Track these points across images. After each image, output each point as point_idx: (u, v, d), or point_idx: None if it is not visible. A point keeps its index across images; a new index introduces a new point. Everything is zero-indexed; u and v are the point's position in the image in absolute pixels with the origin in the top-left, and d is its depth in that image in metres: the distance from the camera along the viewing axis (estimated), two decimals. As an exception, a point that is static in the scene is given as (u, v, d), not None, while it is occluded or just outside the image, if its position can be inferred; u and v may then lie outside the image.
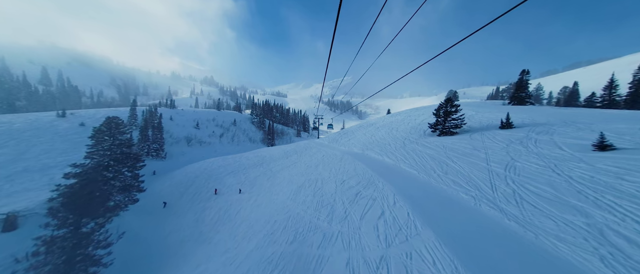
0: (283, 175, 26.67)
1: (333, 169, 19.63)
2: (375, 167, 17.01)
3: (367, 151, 25.09)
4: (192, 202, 25.97)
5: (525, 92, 28.28)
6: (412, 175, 13.72)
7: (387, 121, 42.92)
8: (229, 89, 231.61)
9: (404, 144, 21.70)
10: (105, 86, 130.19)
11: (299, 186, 19.42)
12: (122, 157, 19.90)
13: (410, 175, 13.82)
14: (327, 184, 16.35)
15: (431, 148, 17.21)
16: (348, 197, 12.57)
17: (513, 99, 30.19)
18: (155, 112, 45.42)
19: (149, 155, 40.33)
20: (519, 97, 29.50)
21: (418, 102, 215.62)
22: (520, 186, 8.14)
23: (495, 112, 24.26)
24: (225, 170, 35.08)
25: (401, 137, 25.54)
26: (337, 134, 44.41)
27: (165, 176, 33.74)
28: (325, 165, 22.64)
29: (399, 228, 7.80)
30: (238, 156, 43.82)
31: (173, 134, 51.04)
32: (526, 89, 28.36)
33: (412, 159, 16.38)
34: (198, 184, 29.88)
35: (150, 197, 26.80)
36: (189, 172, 33.72)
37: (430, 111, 36.86)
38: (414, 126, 30.19)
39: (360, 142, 32.22)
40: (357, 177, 15.42)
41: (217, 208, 23.27)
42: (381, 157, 20.43)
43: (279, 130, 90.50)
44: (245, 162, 37.68)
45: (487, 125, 18.89)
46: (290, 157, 34.44)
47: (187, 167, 35.97)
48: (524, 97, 28.84)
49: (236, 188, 27.58)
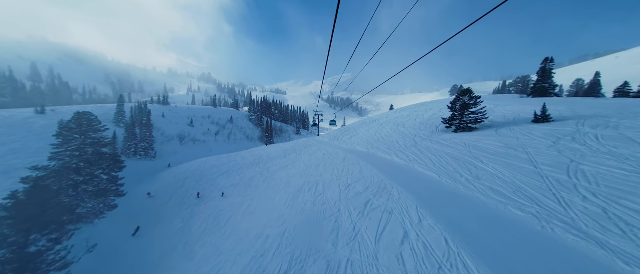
0: (281, 176, 24.31)
1: (336, 170, 17.24)
2: (384, 168, 14.63)
3: (373, 150, 22.73)
4: (180, 206, 23.57)
5: (549, 82, 25.51)
6: (432, 179, 11.33)
7: (392, 117, 40.66)
8: (227, 86, 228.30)
9: (415, 142, 19.31)
10: (99, 83, 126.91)
11: (298, 189, 17.05)
12: (96, 158, 17.43)
13: (430, 179, 11.43)
14: (329, 188, 13.97)
15: (450, 146, 14.81)
16: (356, 207, 10.20)
17: (535, 91, 27.06)
18: (145, 109, 42.79)
19: (137, 154, 37.70)
20: (541, 89, 26.36)
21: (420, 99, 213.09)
22: (611, 202, 5.78)
23: (516, 105, 21.83)
24: (219, 170, 32.71)
25: (410, 134, 23.15)
26: (338, 132, 42.28)
27: (154, 177, 31.31)
28: (326, 165, 20.26)
29: (437, 264, 5.40)
30: (234, 155, 41.54)
31: (165, 132, 48.34)
32: (550, 78, 25.55)
33: (428, 159, 13.99)
34: (188, 187, 27.48)
35: (134, 201, 24.45)
36: (179, 173, 31.29)
37: (438, 106, 34.43)
38: (422, 121, 27.77)
39: (363, 140, 29.84)
40: (364, 181, 13.05)
41: (207, 214, 20.89)
42: (389, 156, 18.04)
43: (277, 128, 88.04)
44: (241, 162, 35.33)
45: (514, 119, 16.45)
46: (289, 156, 32.17)
47: (177, 167, 33.54)
48: (547, 89, 25.83)
49: (230, 191, 25.25)
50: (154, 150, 40.24)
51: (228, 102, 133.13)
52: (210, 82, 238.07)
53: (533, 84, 27.31)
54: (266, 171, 28.41)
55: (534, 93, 26.60)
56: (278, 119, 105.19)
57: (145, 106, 44.62)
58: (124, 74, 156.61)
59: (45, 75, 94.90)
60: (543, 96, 25.30)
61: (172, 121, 55.18)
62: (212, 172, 32.12)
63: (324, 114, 56.13)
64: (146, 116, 39.19)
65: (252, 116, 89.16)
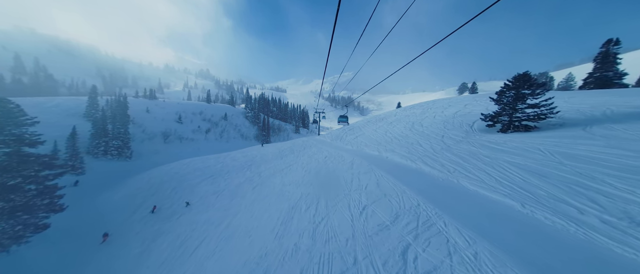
0: (274, 183, 19.75)
1: (343, 181, 12.70)
2: (413, 183, 10.03)
3: (387, 153, 18.16)
4: (145, 222, 18.97)
5: (612, 70, 20.52)
6: (511, 209, 6.73)
7: (402, 114, 36.19)
8: (226, 83, 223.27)
9: (446, 145, 14.74)
10: (90, 77, 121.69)
11: (292, 205, 12.47)
12: (16, 162, 12.78)
13: (506, 209, 6.81)
14: (335, 209, 9.41)
15: (512, 152, 10.25)
16: (387, 260, 5.60)
17: (593, 82, 21.94)
18: (124, 102, 37.84)
19: (108, 154, 32.73)
20: (603, 79, 20.97)
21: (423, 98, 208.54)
22: None
23: (582, 97, 17.10)
24: (203, 174, 28.18)
25: (435, 134, 18.58)
26: (341, 131, 38.18)
27: (123, 182, 26.68)
28: (330, 172, 15.72)
29: None
30: (223, 155, 37.00)
31: (146, 129, 43.36)
32: (615, 65, 20.50)
33: (482, 171, 9.41)
34: (161, 195, 22.89)
35: (88, 213, 19.84)
36: (155, 176, 26.67)
37: (461, 102, 29.91)
38: (444, 119, 23.22)
39: (372, 140, 25.33)
40: (387, 202, 8.45)
41: (175, 234, 16.28)
42: (413, 163, 13.46)
43: (275, 126, 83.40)
44: (230, 164, 30.78)
45: (605, 115, 11.74)
46: (286, 157, 27.76)
47: (154, 170, 28.90)
48: (611, 78, 20.49)
49: (211, 200, 20.75)
50: (129, 149, 35.34)
51: (225, 99, 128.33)
52: (208, 78, 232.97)
53: (589, 73, 22.02)
54: (258, 175, 23.89)
55: (592, 84, 21.15)
56: (276, 117, 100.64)
57: (124, 98, 39.64)
58: (117, 68, 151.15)
59: (30, 67, 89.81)
60: (605, 87, 20.11)
61: (158, 117, 50.27)
62: (195, 176, 27.57)
63: (325, 111, 51.86)
64: (122, 109, 34.14)
65: (249, 113, 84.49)
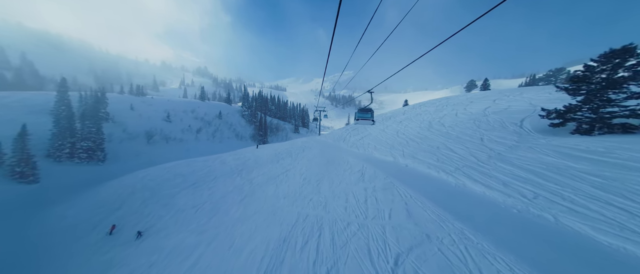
0: (265, 194, 15.86)
1: (353, 200, 8.87)
2: (468, 213, 6.09)
3: (406, 160, 14.31)
4: (98, 247, 14.92)
5: None
6: None
7: (412, 112, 32.35)
8: (224, 81, 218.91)
9: (491, 150, 10.84)
10: (82, 73, 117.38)
11: (284, 237, 8.55)
12: None
13: None
14: (348, 254, 5.37)
15: (627, 168, 6.33)
16: None
17: None
18: (102, 98, 33.74)
19: (75, 157, 28.47)
20: None
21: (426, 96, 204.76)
22: None
23: None
24: (185, 181, 24.09)
25: (466, 135, 14.67)
26: (344, 131, 34.54)
27: (88, 190, 22.73)
28: (334, 183, 11.87)
29: None
30: (212, 158, 32.89)
31: (128, 128, 39.25)
32: None
33: (597, 200, 5.48)
34: (128, 209, 18.86)
35: (29, 234, 15.89)
36: (126, 185, 22.68)
37: (482, 99, 26.06)
38: (472, 117, 19.33)
39: (381, 142, 21.47)
40: (437, 252, 4.44)
41: (129, 270, 12.34)
42: (451, 177, 9.58)
43: (273, 125, 79.46)
44: (219, 168, 26.70)
45: None
46: (282, 161, 23.88)
47: (127, 176, 24.91)
48: None
49: (187, 216, 16.84)
50: (103, 151, 31.08)
51: (222, 97, 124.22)
52: (206, 76, 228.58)
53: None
54: (249, 183, 19.91)
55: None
56: (275, 116, 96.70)
57: (102, 94, 35.60)
58: (111, 64, 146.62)
59: (16, 62, 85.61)
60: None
61: (143, 115, 46.25)
62: (174, 184, 23.49)
63: (326, 109, 48.64)
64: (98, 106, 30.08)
65: (245, 111, 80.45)
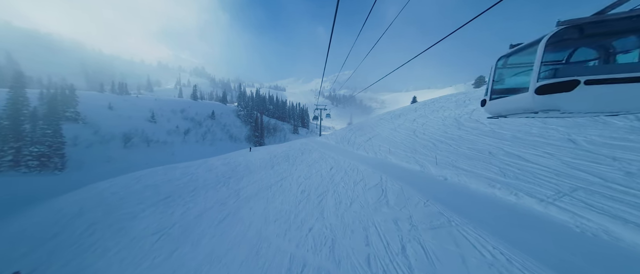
0: (252, 215, 10.74)
1: (375, 239, 3.97)
2: None
3: (445, 171, 8.99)
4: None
5: None
6: None
7: (427, 109, 27.01)
8: (222, 81, 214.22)
9: (615, 159, 5.61)
10: (72, 74, 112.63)
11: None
12: None
13: None
14: None
15: None
16: None
17: None
18: (71, 95, 28.93)
19: (20, 165, 23.24)
20: None
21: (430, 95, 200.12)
22: None
23: None
24: (155, 194, 18.77)
25: (532, 134, 9.54)
26: (347, 131, 30.06)
27: (18, 213, 17.63)
28: (342, 200, 6.49)
29: None
30: (197, 163, 27.54)
31: (101, 130, 34.09)
32: None
33: None
34: (62, 238, 13.67)
35: None
36: (75, 202, 17.54)
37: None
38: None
39: (397, 144, 16.31)
40: None
41: None
42: (564, 211, 4.29)
43: (271, 125, 74.43)
44: (202, 177, 21.37)
45: None
46: (278, 166, 18.90)
47: (80, 190, 19.76)
48: None
49: (142, 249, 11.63)
50: (62, 158, 26.23)
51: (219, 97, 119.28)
52: (203, 76, 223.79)
53: None
54: (235, 195, 14.72)
55: None
56: (273, 116, 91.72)
57: (71, 91, 30.67)
58: (105, 65, 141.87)
59: (1, 61, 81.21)
60: None
61: (123, 115, 41.17)
62: (142, 199, 18.16)
63: (327, 108, 43.53)
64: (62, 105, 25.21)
65: (241, 111, 75.45)
